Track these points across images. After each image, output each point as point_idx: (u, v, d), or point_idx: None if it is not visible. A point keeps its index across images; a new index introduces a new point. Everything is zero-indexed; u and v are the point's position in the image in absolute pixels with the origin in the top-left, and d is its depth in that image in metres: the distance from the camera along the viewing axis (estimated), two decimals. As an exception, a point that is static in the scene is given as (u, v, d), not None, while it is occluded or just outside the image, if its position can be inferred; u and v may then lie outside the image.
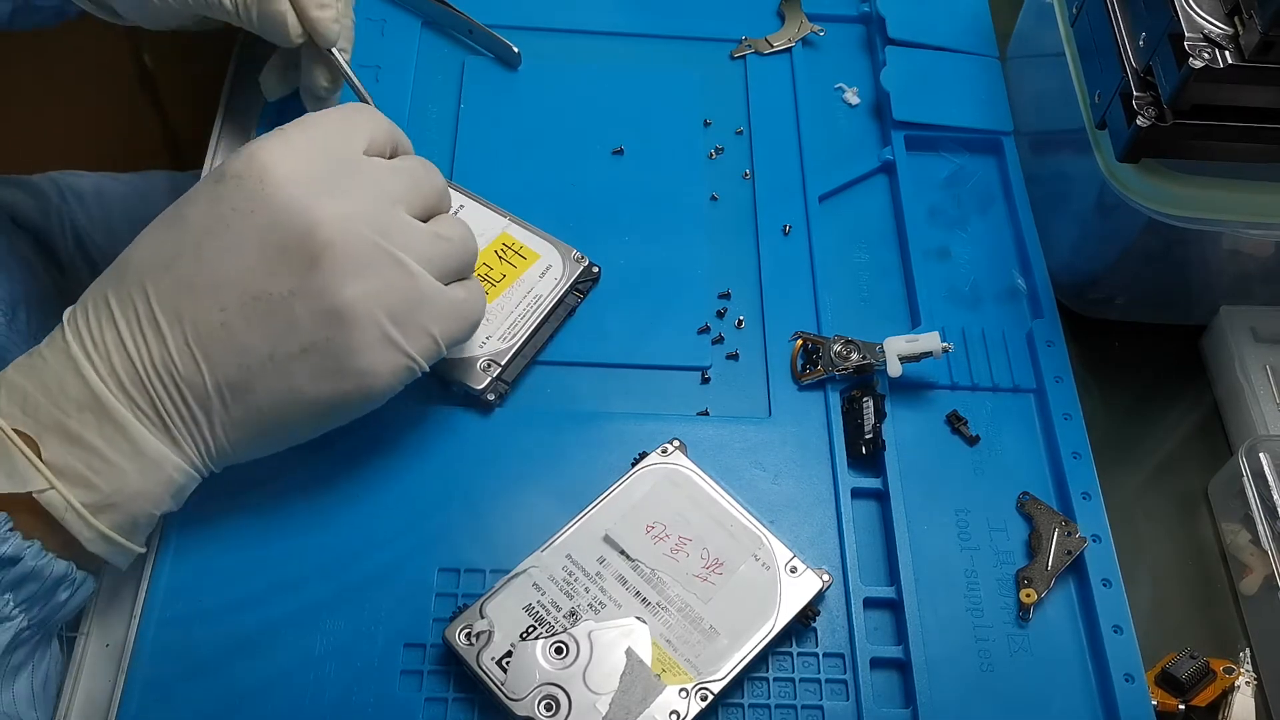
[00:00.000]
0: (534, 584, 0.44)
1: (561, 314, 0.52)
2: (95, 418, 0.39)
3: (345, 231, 0.40)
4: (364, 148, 0.43)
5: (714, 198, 0.58)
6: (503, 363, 0.49)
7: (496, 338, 0.50)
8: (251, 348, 0.40)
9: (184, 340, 0.40)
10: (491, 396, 0.49)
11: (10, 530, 0.38)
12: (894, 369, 0.50)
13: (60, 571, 0.39)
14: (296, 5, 0.51)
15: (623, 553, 0.45)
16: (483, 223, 0.53)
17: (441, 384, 0.50)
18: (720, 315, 0.54)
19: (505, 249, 0.53)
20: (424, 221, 0.44)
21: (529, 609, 0.43)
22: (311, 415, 0.42)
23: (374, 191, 0.42)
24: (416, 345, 0.42)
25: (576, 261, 0.53)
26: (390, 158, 0.45)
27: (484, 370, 0.49)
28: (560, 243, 0.53)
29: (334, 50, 0.53)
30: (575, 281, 0.52)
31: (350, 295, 0.40)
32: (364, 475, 0.47)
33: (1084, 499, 0.49)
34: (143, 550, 0.42)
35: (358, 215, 0.41)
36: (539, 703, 0.41)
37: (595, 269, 0.53)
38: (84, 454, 0.39)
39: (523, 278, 0.52)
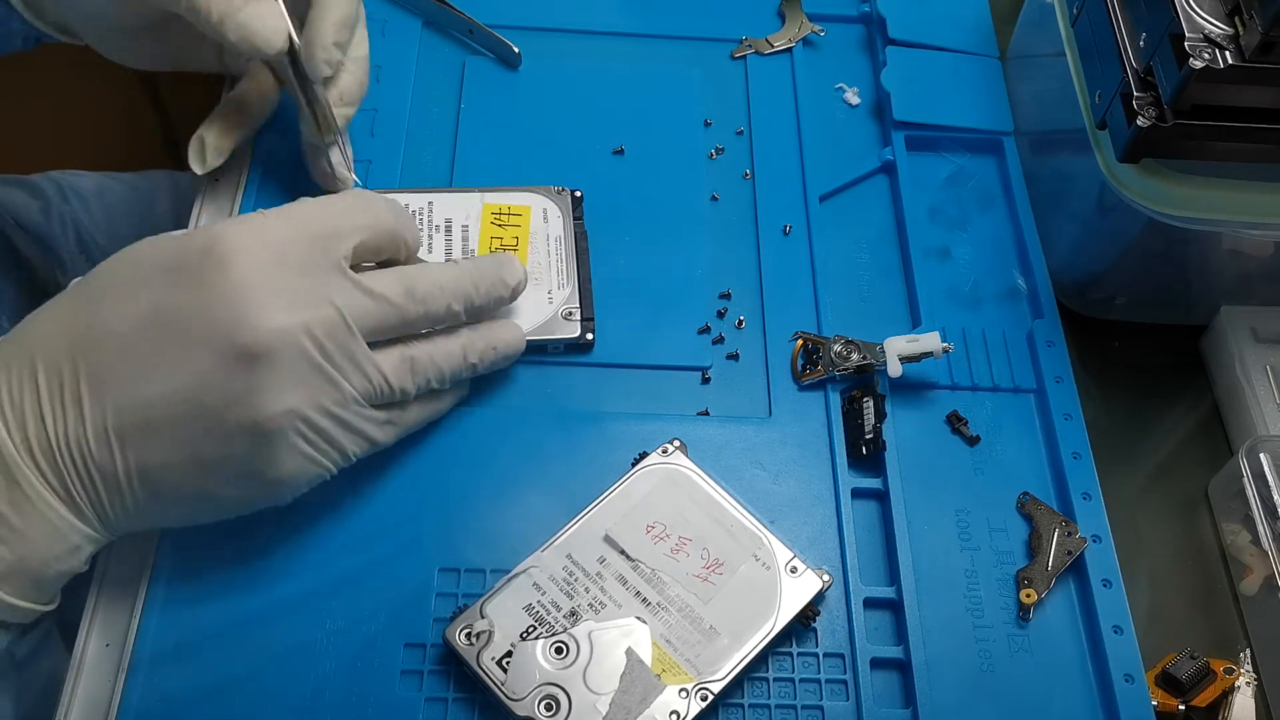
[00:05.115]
0: (534, 584, 0.44)
1: (582, 242, 0.54)
2: (4, 482, 0.38)
3: (286, 345, 0.39)
4: (347, 253, 0.41)
5: (714, 198, 0.58)
6: (577, 304, 0.52)
7: (556, 287, 0.52)
8: (171, 449, 0.39)
9: (104, 426, 0.38)
10: (590, 336, 0.51)
11: None
12: (894, 369, 0.50)
13: None
14: (309, 31, 0.47)
15: (623, 553, 0.45)
16: (461, 207, 0.54)
17: (538, 350, 0.51)
18: (720, 315, 0.54)
19: (498, 215, 0.54)
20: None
21: (529, 609, 0.43)
22: (217, 509, 0.42)
23: (333, 310, 0.40)
24: (331, 459, 0.42)
25: (561, 194, 0.55)
26: (384, 262, 0.44)
27: (567, 319, 0.51)
28: (540, 187, 0.55)
29: (331, 103, 0.49)
30: (573, 211, 0.54)
31: (280, 409, 0.39)
32: (365, 474, 0.47)
33: (1084, 499, 0.49)
34: (53, 607, 0.41)
35: (304, 329, 0.39)
36: (539, 703, 0.41)
37: (576, 192, 0.55)
38: None
39: (533, 230, 0.53)
